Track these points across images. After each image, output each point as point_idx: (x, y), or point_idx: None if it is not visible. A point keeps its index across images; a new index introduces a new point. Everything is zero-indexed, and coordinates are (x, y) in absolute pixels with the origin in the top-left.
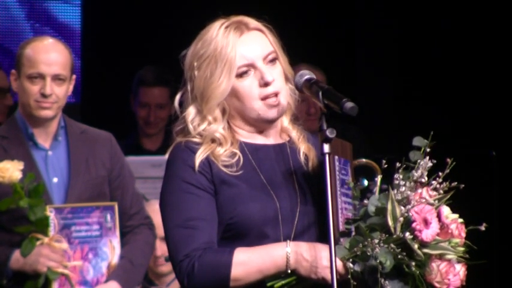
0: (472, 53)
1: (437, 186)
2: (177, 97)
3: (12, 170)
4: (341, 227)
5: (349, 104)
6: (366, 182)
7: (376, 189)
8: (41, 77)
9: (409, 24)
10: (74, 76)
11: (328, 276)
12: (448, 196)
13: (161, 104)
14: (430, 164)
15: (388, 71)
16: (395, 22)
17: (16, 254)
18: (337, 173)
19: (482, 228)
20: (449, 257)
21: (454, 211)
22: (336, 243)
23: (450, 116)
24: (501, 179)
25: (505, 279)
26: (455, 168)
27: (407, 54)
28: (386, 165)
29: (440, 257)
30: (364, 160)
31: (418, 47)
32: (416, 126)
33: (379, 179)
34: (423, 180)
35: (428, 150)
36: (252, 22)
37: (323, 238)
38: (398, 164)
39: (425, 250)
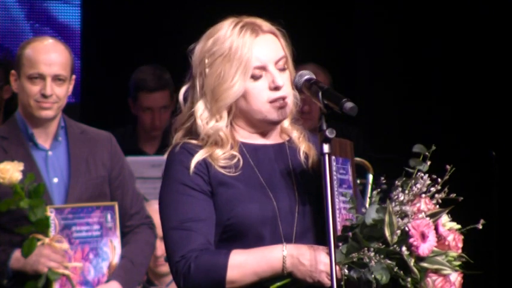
0: (472, 53)
1: (436, 194)
2: (182, 91)
3: (12, 171)
4: (339, 227)
5: (349, 104)
6: (357, 181)
7: (369, 187)
8: (41, 77)
9: (409, 24)
10: (74, 76)
11: (324, 279)
12: (446, 211)
13: (164, 106)
14: (428, 182)
15: (388, 71)
16: (396, 22)
17: (16, 254)
18: (334, 173)
19: (479, 226)
20: (445, 272)
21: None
22: (335, 245)
23: (450, 116)
24: (501, 179)
25: (505, 279)
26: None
27: (408, 54)
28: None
29: (436, 271)
30: (357, 159)
31: (418, 47)
32: (416, 126)
33: (371, 178)
34: (422, 195)
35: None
36: (265, 24)
37: (322, 239)
38: (397, 182)
39: (422, 264)
